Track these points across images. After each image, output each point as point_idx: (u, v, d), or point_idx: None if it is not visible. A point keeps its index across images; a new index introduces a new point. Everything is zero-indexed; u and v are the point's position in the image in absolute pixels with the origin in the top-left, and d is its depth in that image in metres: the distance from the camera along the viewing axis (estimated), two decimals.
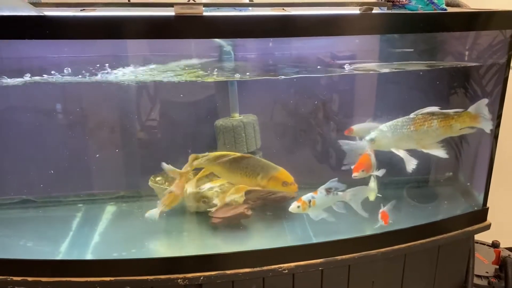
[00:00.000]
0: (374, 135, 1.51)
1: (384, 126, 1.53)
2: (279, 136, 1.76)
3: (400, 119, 1.52)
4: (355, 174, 1.46)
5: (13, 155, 1.62)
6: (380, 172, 1.51)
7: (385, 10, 1.51)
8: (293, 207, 1.45)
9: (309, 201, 1.45)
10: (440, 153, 1.51)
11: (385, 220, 1.51)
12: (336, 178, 1.48)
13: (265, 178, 1.49)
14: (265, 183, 1.50)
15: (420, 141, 1.52)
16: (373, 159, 1.50)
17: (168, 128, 1.71)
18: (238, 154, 1.53)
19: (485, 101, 1.52)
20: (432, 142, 1.53)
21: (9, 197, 1.65)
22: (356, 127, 1.63)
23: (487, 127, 1.53)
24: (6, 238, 1.49)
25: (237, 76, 1.54)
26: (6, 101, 1.58)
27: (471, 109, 1.52)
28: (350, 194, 1.48)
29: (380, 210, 1.52)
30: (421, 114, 1.51)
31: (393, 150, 1.50)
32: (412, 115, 1.51)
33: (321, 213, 1.47)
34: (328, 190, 1.47)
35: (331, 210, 1.48)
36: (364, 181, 1.54)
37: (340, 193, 1.47)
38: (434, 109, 1.51)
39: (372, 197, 1.55)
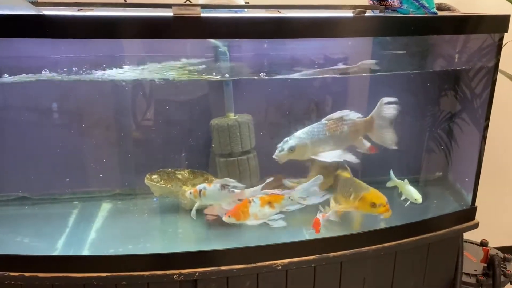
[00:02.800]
0: (294, 143, 1.43)
1: (301, 133, 1.45)
2: (273, 135, 1.78)
3: (314, 125, 1.47)
4: (224, 219, 1.45)
5: (9, 152, 1.63)
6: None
7: (377, 13, 1.54)
8: (187, 192, 1.47)
9: (200, 191, 1.45)
10: (349, 157, 1.46)
11: (316, 228, 1.46)
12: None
13: (356, 199, 1.45)
14: (356, 204, 1.45)
15: (334, 147, 1.47)
16: (253, 208, 1.43)
17: (163, 127, 1.73)
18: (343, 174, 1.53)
19: (383, 101, 1.44)
20: (343, 147, 1.48)
21: (6, 194, 1.66)
22: None
23: (386, 140, 1.44)
24: (3, 234, 1.50)
25: (226, 76, 1.54)
26: (2, 99, 1.60)
27: (374, 113, 1.46)
28: (248, 192, 1.45)
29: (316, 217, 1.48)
30: (332, 119, 1.46)
31: (313, 157, 1.45)
32: (324, 121, 1.47)
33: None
34: (224, 186, 1.45)
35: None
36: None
37: (236, 191, 1.45)
38: (345, 113, 1.46)
39: (418, 199, 1.58)
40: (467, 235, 1.75)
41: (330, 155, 1.44)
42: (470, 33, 1.55)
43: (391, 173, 1.66)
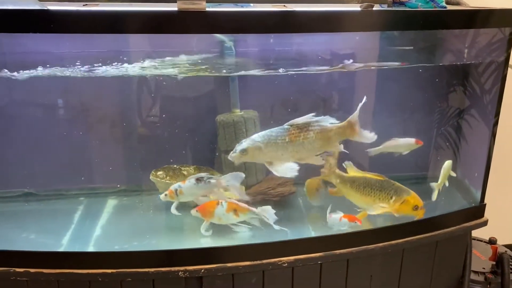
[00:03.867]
0: (246, 146, 1.38)
1: (257, 136, 1.40)
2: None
3: (274, 129, 1.41)
4: (192, 212, 1.45)
5: (15, 148, 1.63)
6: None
7: (385, 7, 1.52)
8: (162, 195, 1.47)
9: (176, 190, 1.46)
10: (317, 160, 1.42)
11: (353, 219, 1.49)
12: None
13: (398, 202, 1.47)
14: (398, 206, 1.46)
15: (295, 153, 1.40)
16: (218, 210, 1.44)
17: (169, 123, 1.72)
18: (370, 175, 1.52)
19: (360, 107, 1.38)
20: (308, 155, 1.42)
21: (12, 190, 1.66)
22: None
23: (368, 138, 1.40)
24: (9, 230, 1.50)
25: (229, 72, 1.52)
26: (8, 95, 1.59)
27: (352, 118, 1.40)
28: (225, 180, 1.45)
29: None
30: (296, 124, 1.39)
31: (266, 164, 1.40)
32: (286, 125, 1.41)
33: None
34: (199, 179, 1.46)
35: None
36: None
37: (212, 181, 1.46)
38: (310, 118, 1.40)
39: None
40: (475, 233, 1.73)
41: (281, 170, 1.39)
42: (479, 27, 1.52)
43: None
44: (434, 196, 1.64)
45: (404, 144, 1.62)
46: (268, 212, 1.47)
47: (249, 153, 1.38)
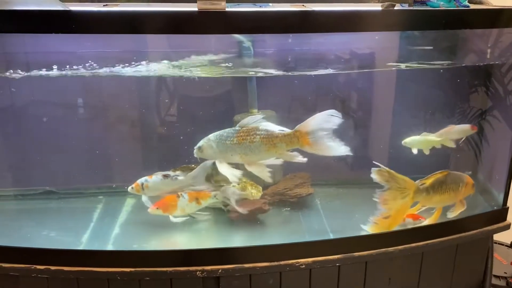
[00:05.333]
0: (201, 144, 1.42)
1: (212, 135, 1.42)
2: None
3: (226, 130, 1.41)
4: (149, 210, 1.46)
5: (37, 147, 1.66)
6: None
7: (406, 7, 1.50)
8: (129, 187, 1.49)
9: (142, 184, 1.47)
10: (264, 176, 1.40)
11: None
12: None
13: (463, 187, 1.53)
14: (464, 190, 1.53)
15: (244, 156, 1.39)
16: (181, 203, 1.47)
17: (187, 122, 1.73)
18: (440, 174, 1.51)
19: (319, 117, 1.34)
20: (257, 159, 1.40)
21: (33, 188, 1.69)
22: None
23: (324, 150, 1.34)
24: (30, 228, 1.52)
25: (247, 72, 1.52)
26: (30, 94, 1.62)
27: (301, 127, 1.36)
28: (191, 177, 1.47)
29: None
30: (245, 127, 1.38)
31: (217, 162, 1.41)
32: (237, 127, 1.40)
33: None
34: (166, 175, 1.48)
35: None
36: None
37: (180, 178, 1.47)
38: (261, 122, 1.38)
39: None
40: (497, 236, 1.70)
41: (229, 172, 1.40)
42: (503, 26, 1.49)
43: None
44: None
45: (459, 130, 1.64)
46: (228, 193, 1.48)
47: (203, 151, 1.42)
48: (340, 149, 1.35)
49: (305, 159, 1.39)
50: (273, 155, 1.40)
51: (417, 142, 1.64)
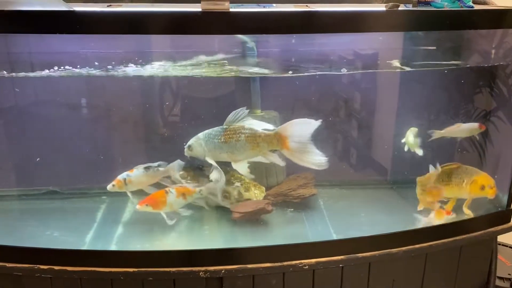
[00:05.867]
0: (191, 142, 1.44)
1: (201, 134, 1.44)
2: None
3: (215, 128, 1.43)
4: (138, 207, 1.45)
5: (40, 147, 1.66)
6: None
7: (410, 7, 1.49)
8: (109, 186, 1.48)
9: (124, 179, 1.47)
10: (244, 173, 1.41)
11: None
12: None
13: (468, 184, 1.52)
14: (468, 188, 1.52)
15: (231, 154, 1.41)
16: (170, 198, 1.46)
17: (190, 123, 1.73)
18: (452, 166, 1.55)
19: (296, 122, 1.35)
20: (243, 158, 1.41)
21: (37, 188, 1.69)
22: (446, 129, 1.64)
23: (301, 157, 1.34)
24: (34, 228, 1.53)
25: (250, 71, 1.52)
26: (33, 94, 1.62)
27: (281, 129, 1.37)
28: (173, 167, 1.50)
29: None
30: (232, 126, 1.40)
31: (208, 159, 1.44)
32: (224, 125, 1.42)
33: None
34: (147, 167, 1.49)
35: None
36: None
37: (161, 168, 1.49)
38: (246, 120, 1.39)
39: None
40: (501, 238, 1.69)
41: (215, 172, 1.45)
42: (507, 27, 1.48)
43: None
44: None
45: (467, 128, 1.64)
46: (212, 189, 1.49)
47: (193, 149, 1.45)
48: (317, 160, 1.35)
49: (283, 163, 1.42)
50: (257, 154, 1.42)
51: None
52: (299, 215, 1.61)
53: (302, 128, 1.35)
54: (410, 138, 1.62)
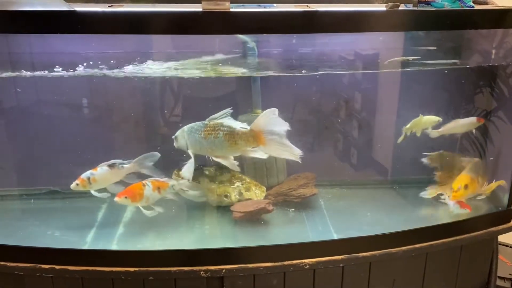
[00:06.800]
0: (176, 134, 1.45)
1: (186, 127, 1.45)
2: (301, 132, 1.76)
3: (198, 123, 1.43)
4: (116, 199, 1.44)
5: (41, 147, 1.66)
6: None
7: (410, 7, 1.50)
8: (72, 185, 1.46)
9: (88, 178, 1.46)
10: (230, 164, 1.41)
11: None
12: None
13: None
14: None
15: (210, 150, 1.42)
16: (147, 191, 1.45)
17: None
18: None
19: (266, 114, 1.33)
20: (223, 154, 1.41)
21: (37, 188, 1.69)
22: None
23: (277, 151, 1.33)
24: (35, 227, 1.53)
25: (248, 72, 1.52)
26: (34, 94, 1.63)
27: (254, 125, 1.35)
28: (137, 162, 1.49)
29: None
30: (213, 122, 1.40)
31: (189, 152, 1.44)
32: (206, 121, 1.42)
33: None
34: (112, 166, 1.48)
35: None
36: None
37: (126, 165, 1.48)
38: (226, 118, 1.39)
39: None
40: (502, 238, 1.69)
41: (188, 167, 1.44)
42: (508, 27, 1.48)
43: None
44: (399, 140, 1.64)
45: (466, 123, 1.64)
46: (185, 183, 1.48)
47: (178, 141, 1.45)
48: (293, 152, 1.35)
49: (265, 155, 1.41)
50: (236, 152, 1.42)
51: (415, 123, 1.64)
52: (300, 215, 1.62)
53: (273, 119, 1.35)
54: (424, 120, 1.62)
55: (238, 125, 1.40)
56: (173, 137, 1.48)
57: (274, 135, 1.35)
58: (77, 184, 1.47)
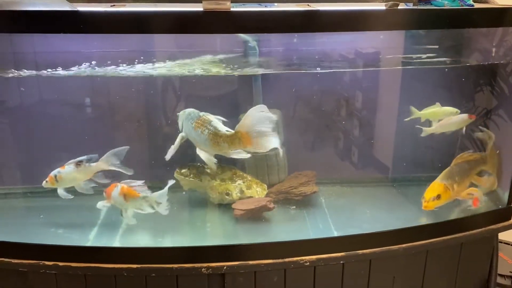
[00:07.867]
0: (180, 113, 1.48)
1: (188, 110, 1.47)
2: (302, 131, 1.77)
3: (196, 112, 1.45)
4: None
5: (45, 145, 1.68)
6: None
7: (410, 6, 1.50)
8: (43, 182, 1.46)
9: (55, 176, 1.44)
10: (208, 160, 1.41)
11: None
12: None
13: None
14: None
15: (196, 142, 1.43)
16: (114, 193, 1.43)
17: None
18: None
19: (252, 113, 1.31)
20: (205, 150, 1.42)
21: (41, 186, 1.70)
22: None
23: (264, 145, 1.31)
24: (38, 224, 1.55)
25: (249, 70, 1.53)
26: (35, 94, 1.64)
27: (240, 127, 1.34)
28: (104, 161, 1.46)
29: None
30: (203, 117, 1.41)
31: (180, 134, 1.46)
32: (202, 113, 1.44)
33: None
34: (78, 163, 1.45)
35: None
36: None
37: (93, 164, 1.46)
38: (216, 119, 1.40)
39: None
40: (502, 235, 1.70)
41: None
42: (508, 25, 1.49)
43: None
44: (408, 119, 1.64)
45: (457, 121, 1.64)
46: (160, 201, 1.43)
47: (178, 120, 1.48)
48: (276, 141, 1.34)
49: (248, 155, 1.41)
50: (218, 152, 1.43)
51: (433, 113, 1.64)
52: (301, 212, 1.63)
53: (259, 116, 1.33)
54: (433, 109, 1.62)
55: (224, 129, 1.40)
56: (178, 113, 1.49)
57: (261, 134, 1.33)
58: (46, 181, 1.46)
